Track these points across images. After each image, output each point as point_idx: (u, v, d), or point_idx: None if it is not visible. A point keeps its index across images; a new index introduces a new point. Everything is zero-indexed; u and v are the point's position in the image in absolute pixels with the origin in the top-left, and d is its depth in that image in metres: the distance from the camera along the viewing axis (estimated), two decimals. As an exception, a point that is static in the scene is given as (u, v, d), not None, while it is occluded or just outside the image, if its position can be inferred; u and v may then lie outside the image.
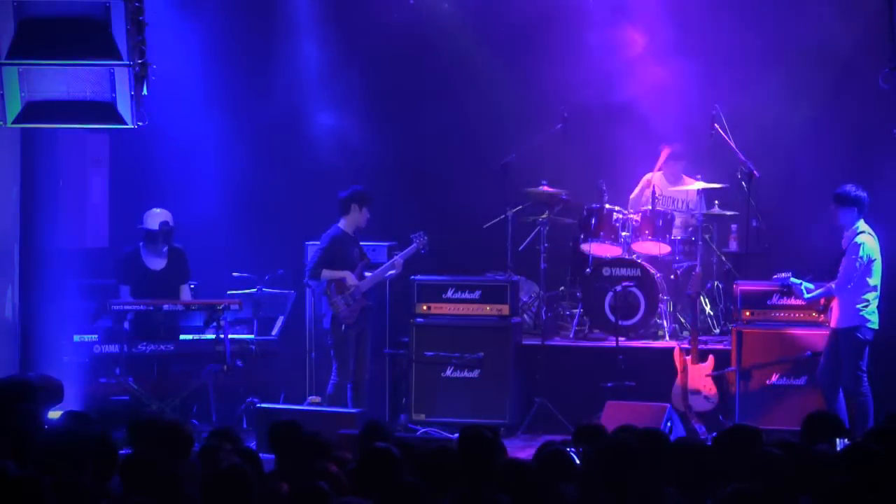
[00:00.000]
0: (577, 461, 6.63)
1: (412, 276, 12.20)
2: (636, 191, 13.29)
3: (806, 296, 10.93)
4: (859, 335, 10.68)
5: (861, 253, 10.62)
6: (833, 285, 10.76)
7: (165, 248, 11.79)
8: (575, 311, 12.98)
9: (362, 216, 11.71)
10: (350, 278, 11.64)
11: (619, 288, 12.27)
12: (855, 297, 10.67)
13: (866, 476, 5.89)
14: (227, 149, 13.35)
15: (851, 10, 13.05)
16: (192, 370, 11.50)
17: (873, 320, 10.71)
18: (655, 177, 13.24)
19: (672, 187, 13.19)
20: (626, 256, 12.68)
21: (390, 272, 11.85)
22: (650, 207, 12.85)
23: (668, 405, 10.90)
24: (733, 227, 13.18)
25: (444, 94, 13.88)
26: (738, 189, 12.71)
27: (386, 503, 5.92)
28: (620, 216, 12.80)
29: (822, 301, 10.96)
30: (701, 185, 12.86)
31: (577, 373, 12.17)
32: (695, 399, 11.44)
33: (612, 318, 12.32)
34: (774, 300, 11.62)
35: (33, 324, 11.79)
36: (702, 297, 12.47)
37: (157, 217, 11.78)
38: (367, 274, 11.82)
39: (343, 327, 11.61)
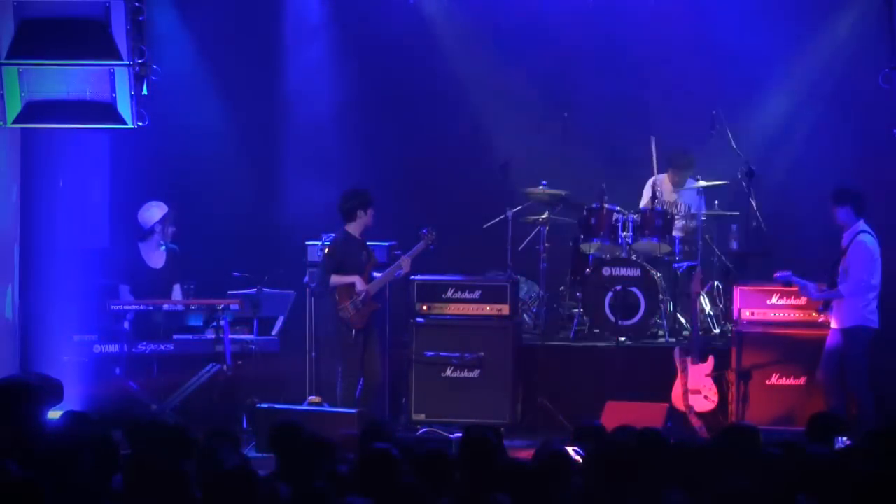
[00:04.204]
0: (581, 460, 6.62)
1: (412, 276, 12.19)
2: (644, 197, 13.26)
3: (815, 295, 10.90)
4: (861, 335, 10.69)
5: (865, 253, 10.62)
6: (841, 290, 10.73)
7: (164, 248, 11.78)
8: (575, 311, 12.97)
9: (368, 218, 11.65)
10: (359, 283, 11.59)
11: (619, 288, 12.26)
12: (857, 297, 10.67)
13: (866, 477, 5.89)
14: (227, 148, 13.35)
15: (851, 10, 13.06)
16: (192, 370, 11.49)
17: (874, 320, 10.72)
18: (659, 179, 13.22)
19: (675, 192, 13.16)
20: (626, 256, 12.68)
21: (399, 272, 11.81)
22: (650, 207, 12.86)
23: (668, 405, 10.90)
24: (733, 227, 13.16)
25: (445, 93, 13.87)
26: (738, 189, 12.71)
27: (385, 503, 5.92)
28: (620, 216, 12.79)
29: (822, 301, 10.95)
30: (702, 183, 12.86)
31: (577, 373, 12.16)
32: (695, 399, 11.43)
33: (612, 318, 12.31)
34: (774, 300, 11.62)
35: (33, 324, 11.80)
36: (702, 297, 12.46)
37: (155, 211, 11.75)
38: (376, 274, 11.79)
39: (353, 332, 11.59)
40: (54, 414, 8.56)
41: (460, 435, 6.87)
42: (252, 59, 13.54)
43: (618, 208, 12.84)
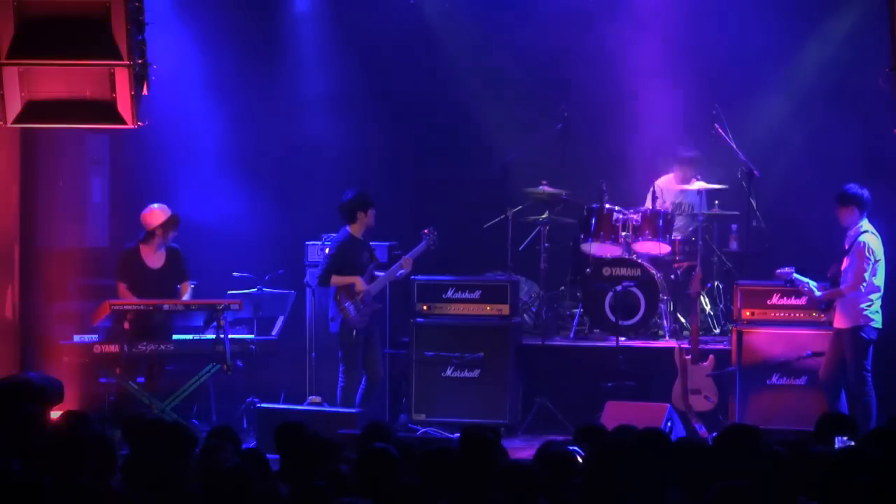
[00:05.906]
0: (581, 460, 6.61)
1: (412, 276, 12.19)
2: (648, 200, 13.25)
3: (817, 293, 10.91)
4: (863, 335, 10.68)
5: (867, 253, 10.62)
6: (842, 289, 10.72)
7: (164, 247, 11.78)
8: (575, 311, 12.98)
9: (369, 218, 11.66)
10: (360, 283, 11.58)
11: (619, 288, 12.26)
12: (859, 297, 10.67)
13: (866, 477, 5.89)
14: (226, 148, 13.34)
15: (851, 10, 13.06)
16: (192, 370, 11.49)
17: (877, 320, 10.71)
18: (662, 180, 13.22)
19: (680, 193, 13.15)
20: (626, 256, 12.68)
21: (400, 272, 11.81)
22: (650, 207, 12.87)
23: (669, 405, 10.90)
24: (733, 227, 13.18)
25: (445, 93, 13.87)
26: (738, 189, 12.71)
27: (385, 503, 5.92)
28: (620, 216, 12.79)
29: (823, 301, 10.94)
30: (702, 184, 12.86)
31: (577, 373, 12.17)
32: (695, 399, 11.43)
33: (612, 318, 12.32)
34: (775, 300, 11.61)
35: (33, 324, 11.80)
36: (702, 297, 12.46)
37: (158, 214, 11.77)
38: (379, 274, 11.79)
39: (354, 333, 11.58)
40: (54, 414, 8.56)
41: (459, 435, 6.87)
42: (252, 58, 13.53)
43: (618, 208, 12.84)
